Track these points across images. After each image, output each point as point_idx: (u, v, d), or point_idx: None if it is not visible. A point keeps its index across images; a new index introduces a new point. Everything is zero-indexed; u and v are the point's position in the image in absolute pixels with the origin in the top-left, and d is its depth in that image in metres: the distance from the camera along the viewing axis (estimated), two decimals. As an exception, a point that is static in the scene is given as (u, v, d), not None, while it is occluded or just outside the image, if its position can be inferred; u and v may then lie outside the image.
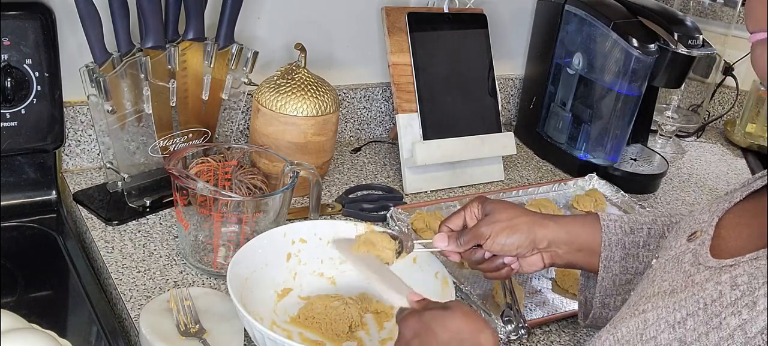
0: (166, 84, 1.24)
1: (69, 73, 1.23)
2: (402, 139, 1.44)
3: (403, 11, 1.45)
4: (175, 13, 1.24)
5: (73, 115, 1.31)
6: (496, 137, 1.51)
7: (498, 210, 0.97)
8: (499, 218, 0.96)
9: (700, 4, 1.87)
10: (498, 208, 0.98)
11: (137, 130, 1.25)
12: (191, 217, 1.13)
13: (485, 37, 1.53)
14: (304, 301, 1.07)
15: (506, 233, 0.96)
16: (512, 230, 0.96)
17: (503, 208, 0.98)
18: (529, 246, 0.97)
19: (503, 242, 0.96)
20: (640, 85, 1.49)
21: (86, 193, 1.28)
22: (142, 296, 1.07)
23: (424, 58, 1.45)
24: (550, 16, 1.62)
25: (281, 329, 1.01)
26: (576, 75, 1.56)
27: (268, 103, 1.29)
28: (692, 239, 0.74)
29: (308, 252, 1.10)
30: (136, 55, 1.20)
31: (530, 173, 1.60)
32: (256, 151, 1.27)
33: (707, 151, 1.86)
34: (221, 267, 1.12)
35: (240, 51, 1.30)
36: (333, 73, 1.50)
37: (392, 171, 1.51)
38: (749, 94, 1.91)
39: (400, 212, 1.31)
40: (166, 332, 0.97)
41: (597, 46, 1.51)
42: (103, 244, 1.16)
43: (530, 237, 0.96)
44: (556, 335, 1.12)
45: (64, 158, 1.33)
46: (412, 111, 1.44)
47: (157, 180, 1.29)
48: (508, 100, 1.80)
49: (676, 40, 1.47)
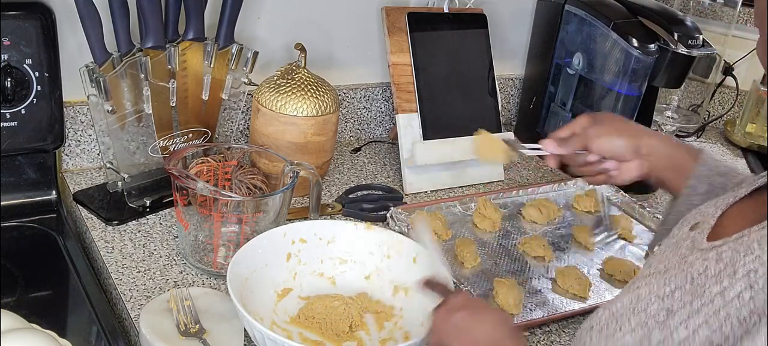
0: (166, 84, 1.24)
1: (69, 73, 1.23)
2: (402, 139, 1.44)
3: (403, 11, 1.45)
4: (175, 13, 1.24)
5: (73, 115, 1.31)
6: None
7: (607, 117, 1.07)
8: (608, 122, 1.05)
9: (700, 4, 1.87)
10: (607, 115, 1.08)
11: (137, 130, 1.25)
12: (191, 217, 1.13)
13: (485, 37, 1.53)
14: (304, 301, 1.07)
15: (615, 134, 1.03)
16: (620, 132, 1.03)
17: (611, 116, 1.08)
18: (632, 151, 1.02)
19: (611, 144, 1.03)
20: (640, 85, 1.49)
21: (86, 193, 1.28)
22: (142, 296, 1.07)
23: (424, 58, 1.45)
24: (550, 16, 1.62)
25: (281, 329, 1.01)
26: (576, 75, 1.56)
27: (268, 103, 1.29)
28: (694, 229, 0.78)
29: (308, 252, 1.10)
30: (136, 55, 1.20)
31: (530, 172, 1.60)
32: (256, 151, 1.27)
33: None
34: (221, 267, 1.12)
35: (240, 51, 1.30)
36: (333, 73, 1.50)
37: (392, 171, 1.51)
38: (749, 94, 1.91)
39: (400, 212, 1.31)
40: (166, 332, 0.97)
41: (597, 46, 1.51)
42: (103, 244, 1.16)
43: (636, 142, 1.02)
44: (556, 335, 1.12)
45: (64, 158, 1.33)
46: (412, 111, 1.44)
47: (157, 180, 1.29)
48: (508, 100, 1.80)
49: (676, 40, 1.46)
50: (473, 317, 0.82)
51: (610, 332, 0.73)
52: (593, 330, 0.76)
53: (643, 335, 0.70)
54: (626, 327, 0.72)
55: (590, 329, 0.77)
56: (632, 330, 0.71)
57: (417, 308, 1.05)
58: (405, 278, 1.09)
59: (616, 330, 0.73)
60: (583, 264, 1.27)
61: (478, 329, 0.82)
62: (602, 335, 0.74)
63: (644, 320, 0.71)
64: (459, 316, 0.83)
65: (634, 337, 0.70)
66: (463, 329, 0.82)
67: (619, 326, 0.73)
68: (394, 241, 1.11)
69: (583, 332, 0.79)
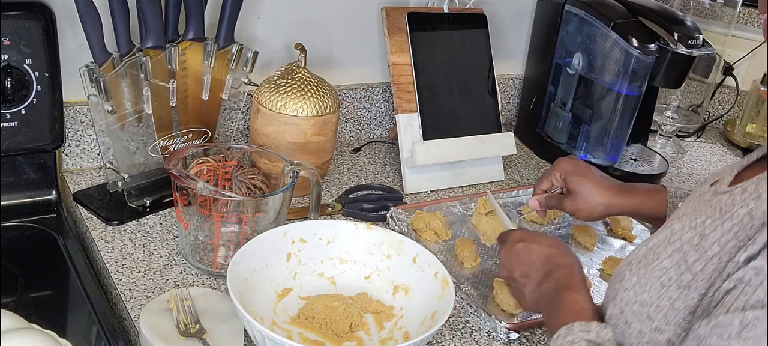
0: (166, 84, 1.24)
1: (69, 73, 1.23)
2: (402, 139, 1.44)
3: (403, 11, 1.45)
4: (175, 13, 1.24)
5: (73, 115, 1.31)
6: (496, 137, 1.51)
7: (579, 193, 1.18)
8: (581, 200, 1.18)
9: (700, 4, 1.87)
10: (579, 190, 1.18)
11: (137, 130, 1.25)
12: (191, 217, 1.13)
13: (485, 37, 1.53)
14: (304, 301, 1.07)
15: (586, 213, 1.19)
16: (591, 210, 1.18)
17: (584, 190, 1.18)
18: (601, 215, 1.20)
19: (584, 217, 1.20)
20: (640, 85, 1.49)
21: (86, 193, 1.28)
22: (142, 296, 1.07)
23: (424, 58, 1.45)
24: (550, 16, 1.62)
25: (281, 329, 1.01)
26: (576, 75, 1.56)
27: (268, 103, 1.29)
28: (714, 185, 0.88)
29: (308, 252, 1.10)
30: (136, 55, 1.20)
31: (530, 173, 1.60)
32: (256, 151, 1.27)
33: (707, 151, 1.86)
34: (221, 267, 1.12)
35: (240, 51, 1.30)
36: (333, 73, 1.50)
37: (392, 171, 1.51)
38: (749, 94, 1.91)
39: (400, 212, 1.31)
40: (166, 332, 0.97)
41: (597, 46, 1.51)
42: (103, 244, 1.16)
43: (606, 212, 1.19)
44: (556, 335, 1.12)
45: (64, 158, 1.33)
46: (412, 111, 1.44)
47: (157, 180, 1.29)
48: (508, 100, 1.80)
49: (676, 40, 1.46)
50: (529, 243, 1.01)
51: (649, 261, 0.85)
52: (631, 265, 0.87)
53: (680, 259, 0.81)
54: (663, 255, 0.83)
55: (629, 265, 0.88)
56: (669, 256, 0.82)
57: (417, 308, 1.05)
58: (405, 278, 1.09)
59: (655, 259, 0.84)
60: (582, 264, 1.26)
61: (533, 251, 1.00)
62: (641, 265, 0.85)
63: (680, 246, 0.82)
64: (519, 246, 1.01)
65: (672, 260, 0.81)
66: (523, 253, 1.00)
67: (657, 255, 0.84)
68: (394, 241, 1.11)
69: (622, 268, 0.89)
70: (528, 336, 1.10)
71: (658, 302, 0.81)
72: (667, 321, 0.80)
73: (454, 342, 1.07)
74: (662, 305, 0.80)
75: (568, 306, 0.89)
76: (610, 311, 0.87)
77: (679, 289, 0.79)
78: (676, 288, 0.79)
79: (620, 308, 0.85)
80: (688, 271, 0.79)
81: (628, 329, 0.83)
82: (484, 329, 1.10)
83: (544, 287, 0.96)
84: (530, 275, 0.99)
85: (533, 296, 0.98)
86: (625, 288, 0.86)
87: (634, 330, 0.83)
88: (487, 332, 1.10)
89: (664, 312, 0.80)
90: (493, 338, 1.09)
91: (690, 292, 0.78)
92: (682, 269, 0.80)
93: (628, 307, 0.84)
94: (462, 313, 1.13)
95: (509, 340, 1.09)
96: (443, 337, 1.08)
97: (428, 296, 1.05)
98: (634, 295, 0.84)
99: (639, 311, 0.82)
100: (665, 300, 0.80)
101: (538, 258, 0.99)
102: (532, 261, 0.99)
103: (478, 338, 1.09)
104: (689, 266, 0.79)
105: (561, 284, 0.94)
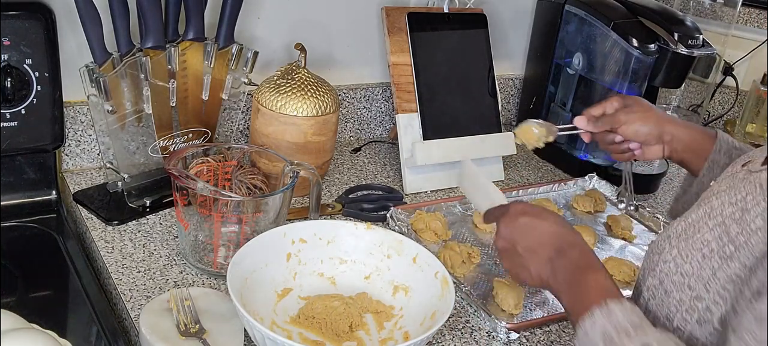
0: (166, 84, 1.24)
1: (69, 73, 1.23)
2: (402, 139, 1.44)
3: (403, 11, 1.45)
4: (175, 13, 1.24)
5: (73, 115, 1.31)
6: (496, 137, 1.51)
7: (636, 103, 1.18)
8: (636, 109, 1.17)
9: (700, 4, 1.87)
10: (636, 101, 1.19)
11: (137, 130, 1.25)
12: (191, 217, 1.13)
13: (485, 37, 1.53)
14: (304, 301, 1.07)
15: (640, 122, 1.16)
16: (645, 120, 1.16)
17: (639, 102, 1.19)
18: (655, 137, 1.17)
19: (636, 129, 1.17)
20: (640, 85, 1.49)
21: (86, 193, 1.28)
22: (142, 296, 1.07)
23: (424, 58, 1.45)
24: (550, 16, 1.62)
25: (281, 329, 1.01)
26: (576, 75, 1.56)
27: (268, 103, 1.29)
28: (745, 165, 0.91)
29: (308, 252, 1.10)
30: (136, 55, 1.20)
31: (530, 172, 1.60)
32: (256, 151, 1.27)
33: (707, 151, 1.86)
34: (221, 267, 1.12)
35: (240, 51, 1.30)
36: (333, 73, 1.50)
37: (392, 171, 1.51)
38: (749, 94, 1.91)
39: (400, 212, 1.31)
40: (166, 332, 0.97)
41: (597, 46, 1.51)
42: (103, 244, 1.16)
43: (659, 129, 1.16)
44: (556, 335, 1.12)
45: (64, 158, 1.33)
46: (412, 111, 1.44)
47: (157, 180, 1.29)
48: (508, 100, 1.80)
49: (676, 40, 1.47)
50: (536, 218, 0.97)
51: (689, 235, 0.86)
52: (671, 238, 0.88)
53: (722, 232, 0.83)
54: (705, 229, 0.85)
55: (668, 238, 0.89)
56: (711, 230, 0.84)
57: (417, 308, 1.05)
58: (405, 278, 1.09)
59: (695, 233, 0.86)
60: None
61: (541, 227, 0.96)
62: (681, 239, 0.87)
63: (721, 221, 0.84)
64: (524, 219, 0.98)
65: (713, 234, 0.84)
66: (529, 228, 0.97)
67: (697, 230, 0.86)
68: (394, 241, 1.11)
69: (661, 242, 0.89)
70: (528, 336, 1.10)
71: (699, 272, 0.83)
72: (707, 289, 0.82)
73: (454, 342, 1.07)
74: (703, 275, 0.83)
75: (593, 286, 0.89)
76: (650, 282, 0.88)
77: (721, 259, 0.82)
78: (718, 259, 0.82)
79: (659, 279, 0.87)
80: (731, 243, 0.81)
81: (667, 298, 0.86)
82: (484, 329, 1.10)
83: (557, 264, 0.93)
84: (538, 251, 0.95)
85: (541, 271, 0.95)
86: (664, 260, 0.87)
87: (674, 299, 0.85)
88: (487, 332, 1.10)
89: (704, 282, 0.82)
90: (493, 338, 1.09)
91: (732, 261, 0.81)
92: (724, 241, 0.82)
93: (668, 277, 0.86)
94: (462, 313, 1.13)
95: (509, 340, 1.09)
96: (443, 337, 1.08)
97: (428, 296, 1.05)
98: (674, 266, 0.86)
99: (679, 281, 0.85)
100: (707, 270, 0.83)
101: (546, 233, 0.96)
102: (540, 235, 0.96)
103: (478, 338, 1.09)
104: (731, 239, 0.81)
105: (580, 263, 0.92)
